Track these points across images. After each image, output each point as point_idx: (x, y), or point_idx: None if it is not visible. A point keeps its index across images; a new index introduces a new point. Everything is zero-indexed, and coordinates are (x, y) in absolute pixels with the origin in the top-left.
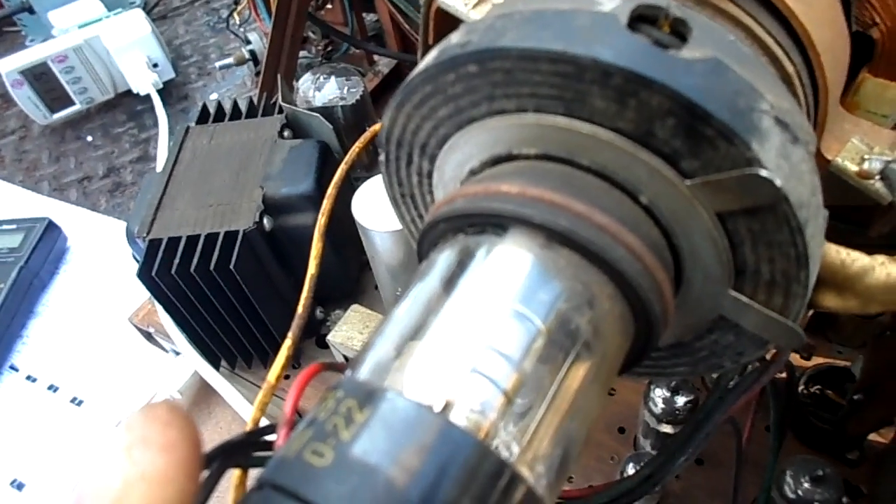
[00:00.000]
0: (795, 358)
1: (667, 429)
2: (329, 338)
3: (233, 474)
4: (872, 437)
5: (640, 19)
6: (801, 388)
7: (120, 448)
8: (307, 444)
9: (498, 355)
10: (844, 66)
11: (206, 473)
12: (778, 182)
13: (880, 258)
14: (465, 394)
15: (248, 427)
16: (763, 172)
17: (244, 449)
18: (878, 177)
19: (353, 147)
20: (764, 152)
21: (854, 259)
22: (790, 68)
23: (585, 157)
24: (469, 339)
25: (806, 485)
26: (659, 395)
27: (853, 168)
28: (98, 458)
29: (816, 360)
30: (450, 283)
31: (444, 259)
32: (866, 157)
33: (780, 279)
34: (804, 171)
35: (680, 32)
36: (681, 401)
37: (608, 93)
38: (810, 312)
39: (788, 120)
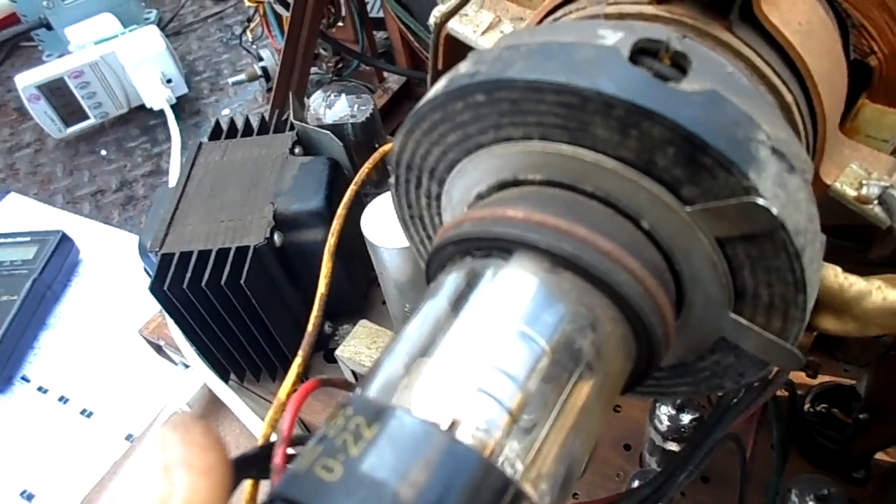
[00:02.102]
0: (801, 376)
1: (672, 446)
2: (337, 353)
3: (244, 487)
4: (878, 455)
5: (641, 52)
6: (806, 406)
7: (156, 467)
8: (317, 459)
9: (503, 375)
10: (842, 94)
11: None
12: (774, 210)
13: (877, 282)
14: (471, 413)
15: (260, 442)
16: (760, 201)
17: (256, 462)
18: (876, 201)
19: (363, 168)
20: (761, 181)
21: (852, 283)
22: (789, 97)
23: (589, 184)
24: (475, 360)
25: (811, 503)
26: (664, 412)
27: (852, 193)
28: (130, 475)
29: (823, 379)
30: (457, 304)
31: (451, 281)
32: (864, 182)
33: (778, 303)
34: (801, 199)
35: (680, 65)
36: (686, 418)
37: (611, 123)
38: (815, 333)
39: (785, 149)
